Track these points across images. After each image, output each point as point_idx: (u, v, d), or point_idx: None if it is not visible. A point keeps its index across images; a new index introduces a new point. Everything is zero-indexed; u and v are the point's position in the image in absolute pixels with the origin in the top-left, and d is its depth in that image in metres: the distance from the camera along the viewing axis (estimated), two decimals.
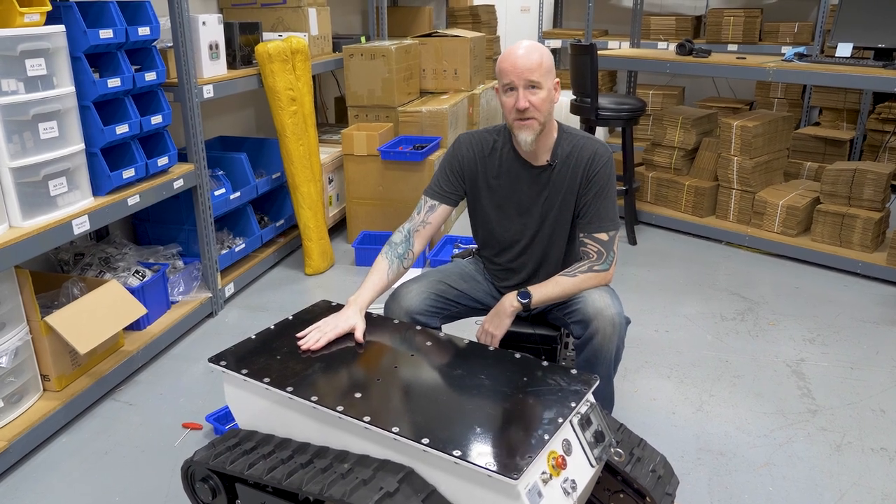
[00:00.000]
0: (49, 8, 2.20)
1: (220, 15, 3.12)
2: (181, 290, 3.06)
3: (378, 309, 1.99)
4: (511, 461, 1.31)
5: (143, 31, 2.59)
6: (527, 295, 1.95)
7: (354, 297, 1.90)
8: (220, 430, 2.28)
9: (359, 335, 1.78)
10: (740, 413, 2.47)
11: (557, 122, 2.03)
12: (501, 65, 1.90)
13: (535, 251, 2.09)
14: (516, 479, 1.27)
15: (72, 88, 2.29)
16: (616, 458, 1.59)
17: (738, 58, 4.14)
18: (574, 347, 2.03)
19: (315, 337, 1.75)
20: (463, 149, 2.08)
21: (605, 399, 2.05)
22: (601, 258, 1.97)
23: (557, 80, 1.95)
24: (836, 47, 3.76)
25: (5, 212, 2.13)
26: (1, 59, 2.04)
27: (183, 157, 2.98)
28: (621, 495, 1.68)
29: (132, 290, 2.66)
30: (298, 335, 1.78)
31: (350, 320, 1.81)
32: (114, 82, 2.47)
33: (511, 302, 1.96)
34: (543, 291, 1.97)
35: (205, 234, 3.07)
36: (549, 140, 1.99)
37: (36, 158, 2.17)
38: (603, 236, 1.99)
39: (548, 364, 1.66)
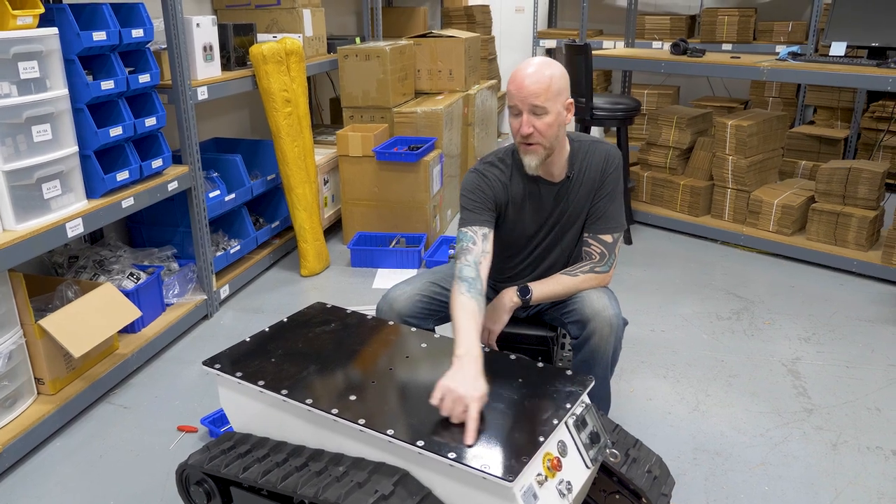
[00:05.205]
0: (42, 10, 2.19)
1: (214, 17, 3.12)
2: (176, 292, 3.06)
3: (369, 309, 1.99)
4: (506, 463, 1.31)
5: (137, 33, 2.58)
6: (527, 291, 1.95)
7: (464, 349, 1.58)
8: (216, 433, 2.28)
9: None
10: (736, 413, 2.47)
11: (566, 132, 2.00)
12: (509, 85, 1.84)
13: (545, 257, 2.08)
14: (511, 480, 1.27)
15: (65, 91, 2.28)
16: (612, 459, 1.59)
17: (732, 57, 4.15)
18: (571, 348, 2.03)
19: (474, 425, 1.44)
20: (488, 177, 1.98)
21: (602, 400, 2.05)
22: (603, 259, 1.98)
23: (570, 100, 1.89)
24: (829, 46, 3.76)
25: None
26: None
27: (177, 159, 2.98)
28: (617, 496, 1.68)
29: (127, 293, 2.65)
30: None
31: (480, 384, 1.50)
32: (107, 85, 2.47)
33: (511, 297, 1.96)
34: (544, 289, 1.96)
35: (199, 237, 3.06)
36: (562, 156, 1.96)
37: (29, 161, 2.16)
38: (608, 238, 1.99)
39: (543, 365, 1.66)
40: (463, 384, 1.47)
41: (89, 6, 2.49)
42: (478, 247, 1.88)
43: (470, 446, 1.37)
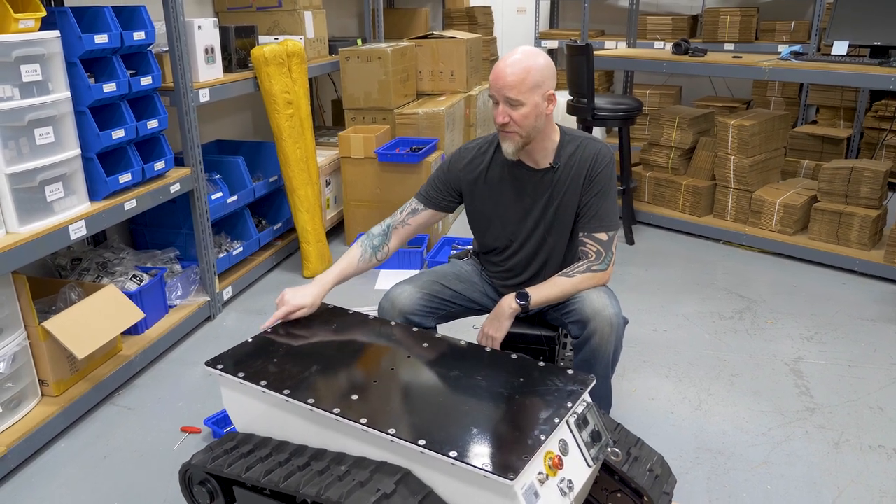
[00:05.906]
0: (44, 13, 2.20)
1: (215, 19, 3.12)
2: (179, 294, 3.06)
3: (371, 310, 1.99)
4: (507, 461, 1.32)
5: (139, 35, 2.59)
6: (525, 296, 1.95)
7: (321, 276, 1.99)
8: (219, 434, 2.28)
9: (296, 315, 1.89)
10: (738, 412, 2.47)
11: (558, 125, 2.03)
12: (491, 74, 1.91)
13: (537, 252, 2.08)
14: (513, 479, 1.28)
15: (67, 94, 2.29)
16: (613, 458, 1.59)
17: (734, 57, 4.15)
18: (572, 347, 2.03)
19: (272, 320, 1.87)
20: (462, 160, 2.10)
21: (603, 399, 2.05)
22: (600, 258, 1.98)
23: (552, 92, 1.92)
24: (832, 45, 3.76)
25: (2, 218, 2.13)
26: None
27: (180, 162, 2.99)
28: (619, 495, 1.68)
29: (130, 295, 2.66)
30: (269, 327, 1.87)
31: (305, 299, 1.90)
32: (109, 87, 2.48)
33: (510, 304, 1.96)
34: (542, 293, 1.97)
35: (202, 238, 3.07)
36: (547, 145, 1.99)
37: (32, 164, 2.17)
38: (602, 236, 1.99)
39: (544, 364, 1.66)
40: (295, 293, 1.90)
41: (91, 9, 2.50)
42: (402, 215, 2.15)
43: (265, 332, 1.82)
